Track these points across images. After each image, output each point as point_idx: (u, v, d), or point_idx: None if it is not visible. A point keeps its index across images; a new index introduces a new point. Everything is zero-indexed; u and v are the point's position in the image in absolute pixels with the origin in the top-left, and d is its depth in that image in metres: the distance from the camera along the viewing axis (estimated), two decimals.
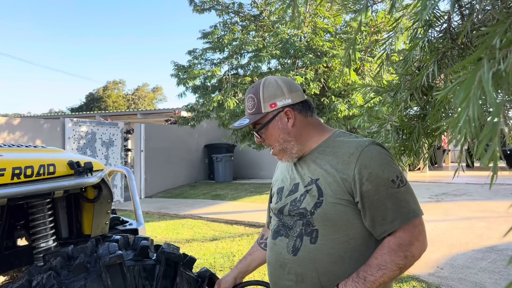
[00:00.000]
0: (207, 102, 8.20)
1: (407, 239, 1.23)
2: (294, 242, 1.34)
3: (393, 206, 1.23)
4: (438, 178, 13.29)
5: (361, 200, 1.25)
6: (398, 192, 1.25)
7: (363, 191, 1.24)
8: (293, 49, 7.65)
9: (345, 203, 1.27)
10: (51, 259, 1.64)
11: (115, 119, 15.40)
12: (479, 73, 0.56)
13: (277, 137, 1.40)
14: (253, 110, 1.42)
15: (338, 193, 1.27)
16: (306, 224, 1.32)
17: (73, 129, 9.33)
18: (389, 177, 1.25)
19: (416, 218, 1.26)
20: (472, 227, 6.35)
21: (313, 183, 1.33)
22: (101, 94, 43.06)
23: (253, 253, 1.74)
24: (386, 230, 1.24)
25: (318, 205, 1.29)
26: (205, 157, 14.34)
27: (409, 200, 1.27)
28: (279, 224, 1.43)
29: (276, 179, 1.58)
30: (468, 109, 0.57)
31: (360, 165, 1.25)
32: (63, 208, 2.16)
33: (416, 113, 1.61)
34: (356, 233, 1.28)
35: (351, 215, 1.27)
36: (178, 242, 5.75)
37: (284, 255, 1.35)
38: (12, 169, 1.69)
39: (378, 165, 1.26)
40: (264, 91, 1.40)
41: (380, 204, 1.23)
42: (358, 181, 1.24)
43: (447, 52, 1.28)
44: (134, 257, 1.76)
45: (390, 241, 1.23)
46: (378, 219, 1.24)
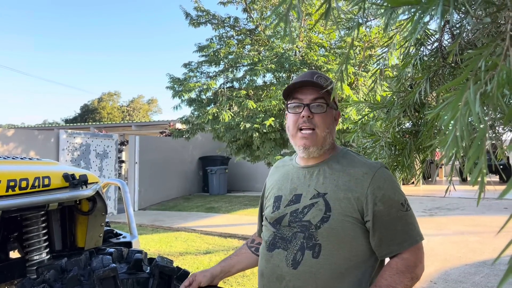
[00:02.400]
0: (202, 114, 8.21)
1: (413, 261, 1.26)
2: (294, 256, 1.31)
3: (402, 228, 1.27)
4: (432, 192, 13.35)
5: (372, 219, 1.26)
6: (407, 215, 1.29)
7: (375, 211, 1.26)
8: (288, 63, 7.72)
9: (353, 220, 1.27)
10: (44, 271, 1.64)
11: (109, 130, 15.37)
12: (466, 94, 0.59)
13: (329, 124, 1.38)
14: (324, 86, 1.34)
15: (347, 210, 1.27)
16: (308, 237, 1.29)
17: (67, 141, 9.30)
18: (400, 200, 1.29)
19: (421, 241, 1.30)
20: (465, 241, 6.37)
21: (320, 196, 1.32)
22: (96, 106, 43.01)
23: (240, 255, 1.68)
24: (393, 251, 1.27)
25: (325, 220, 1.28)
26: (199, 170, 14.31)
27: (415, 223, 1.31)
28: (275, 235, 1.38)
29: (271, 187, 1.53)
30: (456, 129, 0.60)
31: (374, 186, 1.27)
32: (57, 220, 2.16)
33: (408, 129, 1.64)
34: (359, 251, 1.29)
35: (357, 233, 1.28)
36: (171, 255, 5.71)
37: (282, 268, 1.32)
38: (7, 181, 1.69)
39: (390, 188, 1.29)
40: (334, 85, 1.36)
41: (390, 225, 1.26)
42: (371, 201, 1.26)
43: (438, 70, 1.32)
44: (128, 270, 1.76)
45: (398, 263, 1.25)
46: (386, 240, 1.27)
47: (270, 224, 1.43)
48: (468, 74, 0.58)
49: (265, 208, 1.52)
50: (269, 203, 1.48)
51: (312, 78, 1.38)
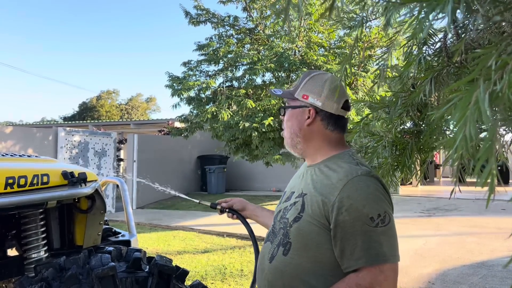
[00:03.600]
0: (201, 113, 8.21)
1: (368, 281, 1.16)
2: (273, 250, 1.35)
3: (362, 244, 1.17)
4: (430, 192, 13.36)
5: (335, 228, 1.20)
6: (373, 231, 1.17)
7: (339, 220, 1.19)
8: (287, 63, 7.72)
9: (320, 225, 1.23)
10: (42, 270, 1.63)
11: (108, 129, 15.33)
12: (476, 93, 0.58)
13: (291, 124, 1.42)
14: (292, 89, 1.44)
15: (316, 214, 1.24)
16: (285, 234, 1.32)
17: (66, 138, 9.27)
18: (369, 214, 1.18)
19: (385, 264, 1.17)
20: (463, 242, 6.38)
21: (301, 196, 1.33)
22: (94, 104, 42.94)
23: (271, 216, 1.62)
24: (350, 266, 1.18)
25: (296, 220, 1.29)
26: (198, 168, 14.30)
27: (382, 242, 1.18)
28: (271, 229, 1.45)
29: (288, 184, 1.59)
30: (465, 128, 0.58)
31: (343, 194, 1.20)
32: (55, 218, 2.14)
33: (409, 129, 1.63)
34: (325, 259, 1.23)
35: (323, 240, 1.23)
36: (169, 254, 5.70)
37: (264, 260, 1.38)
38: (5, 179, 1.68)
39: (361, 199, 1.20)
40: (309, 81, 1.40)
41: (351, 238, 1.18)
42: (336, 209, 1.20)
43: (443, 70, 1.30)
44: (126, 269, 1.75)
45: (351, 278, 1.18)
46: (346, 253, 1.19)
47: (273, 218, 1.49)
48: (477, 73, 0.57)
49: None
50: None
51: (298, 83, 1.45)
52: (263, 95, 8.40)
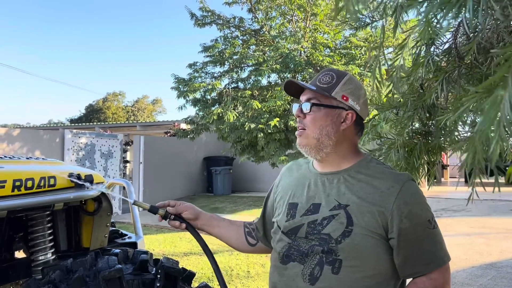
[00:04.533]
0: (207, 115, 8.21)
1: (441, 282, 1.19)
2: (311, 270, 1.21)
3: (429, 248, 1.20)
4: (437, 193, 13.28)
5: (398, 237, 1.17)
6: (433, 233, 1.21)
7: (401, 228, 1.17)
8: (293, 64, 7.70)
9: (377, 236, 1.19)
10: (49, 272, 1.63)
11: (114, 130, 15.40)
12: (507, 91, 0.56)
13: (322, 125, 1.27)
14: (324, 86, 1.29)
15: (371, 225, 1.18)
16: (328, 252, 1.20)
17: (73, 141, 9.32)
18: (427, 217, 1.21)
19: (448, 262, 1.23)
20: (471, 243, 6.32)
21: (342, 208, 1.22)
22: (101, 106, 43.16)
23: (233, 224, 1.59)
24: (418, 272, 1.19)
25: (346, 234, 1.19)
26: (203, 170, 14.31)
27: (442, 242, 1.23)
28: (291, 247, 1.29)
29: (284, 191, 1.43)
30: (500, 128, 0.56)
31: (400, 201, 1.18)
32: (62, 220, 2.15)
33: (418, 130, 1.61)
34: (382, 269, 1.21)
35: (381, 250, 1.20)
36: (175, 256, 5.70)
37: (298, 283, 1.23)
38: (12, 181, 1.69)
39: (418, 203, 1.21)
40: (348, 82, 1.30)
41: (416, 244, 1.18)
42: (397, 217, 1.17)
43: (454, 71, 1.28)
44: (133, 271, 1.75)
45: (425, 283, 1.18)
46: (411, 259, 1.19)
47: (284, 233, 1.33)
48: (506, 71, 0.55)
49: (277, 214, 1.41)
50: (282, 210, 1.38)
51: (318, 76, 1.33)
52: (268, 96, 8.39)
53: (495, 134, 0.55)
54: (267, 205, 1.55)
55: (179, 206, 1.51)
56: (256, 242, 1.55)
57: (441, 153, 1.62)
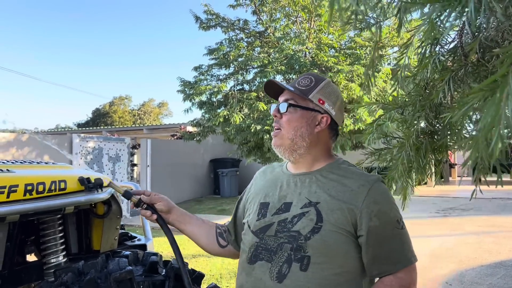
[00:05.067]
0: (213, 117, 8.24)
1: (408, 281, 1.21)
2: (279, 268, 1.20)
3: (397, 248, 1.21)
4: (445, 192, 13.21)
5: (367, 235, 1.19)
6: (402, 233, 1.23)
7: (370, 226, 1.18)
8: (298, 65, 7.71)
9: (346, 233, 1.19)
10: (62, 274, 1.66)
11: (121, 134, 15.49)
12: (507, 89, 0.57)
13: (297, 126, 1.30)
14: (302, 88, 1.32)
15: (340, 222, 1.19)
16: (297, 249, 1.20)
17: (81, 145, 9.40)
18: (396, 217, 1.23)
19: (415, 262, 1.24)
20: (480, 242, 6.29)
21: (312, 205, 1.23)
22: (108, 110, 43.40)
23: (205, 223, 1.57)
24: (386, 271, 1.20)
25: (316, 231, 1.19)
26: (210, 172, 14.35)
27: (409, 243, 1.25)
28: (258, 246, 1.28)
29: (256, 192, 1.44)
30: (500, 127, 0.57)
31: (370, 199, 1.20)
32: (73, 223, 2.18)
33: (423, 129, 1.62)
34: (350, 267, 1.21)
35: (349, 248, 1.20)
36: (185, 257, 5.71)
37: (265, 282, 1.22)
38: (24, 186, 1.71)
39: (387, 203, 1.23)
40: (325, 86, 1.33)
41: (384, 243, 1.20)
42: (366, 215, 1.19)
43: (460, 69, 1.29)
44: (143, 273, 1.77)
45: (392, 281, 1.19)
46: (379, 258, 1.20)
47: (253, 233, 1.32)
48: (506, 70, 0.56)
49: (248, 215, 1.42)
50: (253, 210, 1.38)
51: (298, 79, 1.37)
52: None
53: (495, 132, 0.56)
54: (238, 208, 1.55)
55: (154, 196, 1.50)
56: (227, 244, 1.54)
57: (447, 152, 1.62)
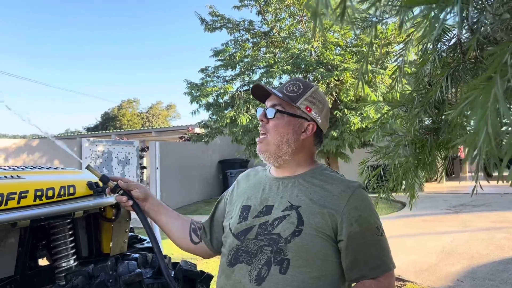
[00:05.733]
0: (220, 118, 8.26)
1: (387, 286, 1.21)
2: (259, 271, 1.20)
3: (376, 254, 1.22)
4: (456, 188, 13.10)
5: (347, 240, 1.19)
6: (381, 240, 1.24)
7: (351, 232, 1.19)
8: (304, 64, 7.70)
9: (326, 237, 1.20)
10: (72, 278, 1.68)
11: (130, 137, 15.60)
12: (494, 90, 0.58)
13: (283, 132, 1.30)
14: (290, 94, 1.32)
15: (321, 226, 1.20)
16: (277, 251, 1.20)
17: (90, 149, 9.48)
18: (376, 224, 1.24)
19: (394, 269, 1.25)
20: (492, 238, 6.23)
21: (293, 209, 1.24)
22: (116, 113, 43.70)
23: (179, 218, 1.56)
24: (365, 276, 1.21)
25: (296, 234, 1.19)
26: (219, 173, 14.39)
27: (388, 249, 1.26)
28: (238, 249, 1.28)
29: (239, 195, 1.43)
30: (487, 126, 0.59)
31: (351, 205, 1.21)
32: (83, 227, 2.20)
33: (428, 126, 1.62)
34: (329, 271, 1.21)
35: (329, 252, 1.21)
36: (194, 259, 5.75)
37: (245, 285, 1.21)
38: (34, 191, 1.74)
39: (368, 210, 1.24)
40: (313, 93, 1.33)
41: (364, 249, 1.20)
42: (347, 221, 1.20)
43: (458, 66, 1.30)
44: (153, 275, 1.80)
45: (372, 284, 1.20)
46: (359, 263, 1.20)
47: (234, 235, 1.32)
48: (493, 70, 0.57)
49: (229, 218, 1.41)
50: (235, 213, 1.38)
51: (286, 84, 1.36)
52: None
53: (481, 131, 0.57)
54: (217, 208, 1.55)
55: (131, 183, 1.49)
56: (199, 241, 1.53)
57: (452, 149, 1.62)
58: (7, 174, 1.80)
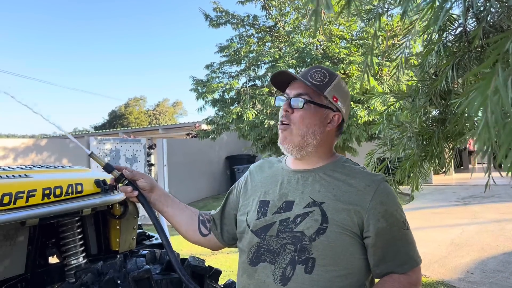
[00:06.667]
0: (226, 114, 8.27)
1: (415, 280, 1.19)
2: (283, 270, 1.16)
3: (403, 249, 1.20)
4: (465, 180, 13.01)
5: (374, 237, 1.16)
6: (407, 234, 1.21)
7: (378, 228, 1.16)
8: (309, 58, 7.67)
9: (351, 234, 1.16)
10: (82, 275, 1.70)
11: (137, 135, 15.66)
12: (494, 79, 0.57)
13: (310, 123, 1.23)
14: (317, 83, 1.23)
15: (346, 223, 1.15)
16: (301, 250, 1.15)
17: (98, 147, 9.54)
18: (401, 218, 1.21)
19: (420, 263, 1.23)
20: (502, 229, 6.18)
21: (316, 205, 1.18)
22: (123, 111, 43.88)
23: (187, 209, 1.51)
24: (393, 271, 1.18)
25: (321, 232, 1.15)
26: (226, 169, 14.42)
27: (414, 243, 1.23)
28: (260, 246, 1.23)
29: (254, 189, 1.36)
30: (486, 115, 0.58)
31: (376, 200, 1.17)
32: (91, 225, 2.22)
33: (435, 117, 1.60)
34: (355, 269, 1.18)
35: (355, 249, 1.17)
36: (203, 255, 5.78)
37: (269, 284, 1.17)
38: (42, 190, 1.75)
39: (393, 204, 1.20)
40: (339, 83, 1.27)
41: (392, 244, 1.18)
42: (373, 217, 1.16)
43: (464, 56, 1.28)
44: (161, 271, 1.80)
45: (400, 277, 1.17)
46: (387, 259, 1.18)
47: (253, 232, 1.26)
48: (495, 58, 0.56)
49: (245, 212, 1.34)
50: (252, 208, 1.31)
51: (309, 72, 1.27)
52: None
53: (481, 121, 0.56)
54: (228, 200, 1.49)
55: (136, 172, 1.41)
56: (208, 233, 1.47)
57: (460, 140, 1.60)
58: (15, 174, 1.81)
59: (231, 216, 1.45)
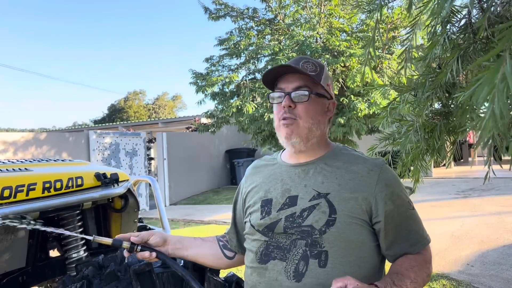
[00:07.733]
0: (226, 108, 8.25)
1: (429, 257, 1.21)
2: (296, 266, 1.13)
3: (413, 228, 1.20)
4: (465, 173, 13.02)
5: (384, 220, 1.15)
6: (415, 214, 1.22)
7: (386, 211, 1.15)
8: (309, 51, 7.64)
9: (361, 223, 1.15)
10: (83, 268, 1.69)
11: (137, 129, 15.64)
12: (502, 68, 0.56)
13: (315, 115, 1.21)
14: (312, 73, 1.21)
15: (355, 211, 1.14)
16: (312, 244, 1.13)
17: (97, 141, 9.53)
18: (407, 198, 1.22)
19: (430, 241, 1.24)
20: (502, 222, 6.19)
21: (322, 197, 1.16)
22: (123, 105, 43.80)
23: (206, 241, 1.45)
24: (408, 252, 1.18)
25: (330, 223, 1.12)
26: (226, 162, 14.42)
27: (421, 222, 1.24)
28: (269, 245, 1.20)
29: (256, 191, 1.33)
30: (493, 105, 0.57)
31: (381, 183, 1.16)
32: (92, 218, 2.22)
33: (438, 110, 1.59)
34: (368, 256, 1.16)
35: (366, 237, 1.16)
36: None
37: (281, 282, 1.14)
38: (42, 183, 1.75)
39: (397, 185, 1.21)
40: (327, 71, 1.25)
41: (401, 226, 1.18)
42: (381, 200, 1.15)
43: (469, 47, 1.26)
44: (162, 264, 1.80)
45: (416, 257, 1.18)
46: (399, 241, 1.18)
47: (259, 232, 1.24)
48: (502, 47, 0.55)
49: (249, 215, 1.31)
50: (255, 209, 1.28)
51: (298, 64, 1.22)
52: None
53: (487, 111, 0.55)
54: (236, 210, 1.47)
55: (143, 234, 1.34)
56: (234, 254, 1.46)
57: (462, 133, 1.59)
58: (15, 167, 1.80)
59: (242, 224, 1.42)
